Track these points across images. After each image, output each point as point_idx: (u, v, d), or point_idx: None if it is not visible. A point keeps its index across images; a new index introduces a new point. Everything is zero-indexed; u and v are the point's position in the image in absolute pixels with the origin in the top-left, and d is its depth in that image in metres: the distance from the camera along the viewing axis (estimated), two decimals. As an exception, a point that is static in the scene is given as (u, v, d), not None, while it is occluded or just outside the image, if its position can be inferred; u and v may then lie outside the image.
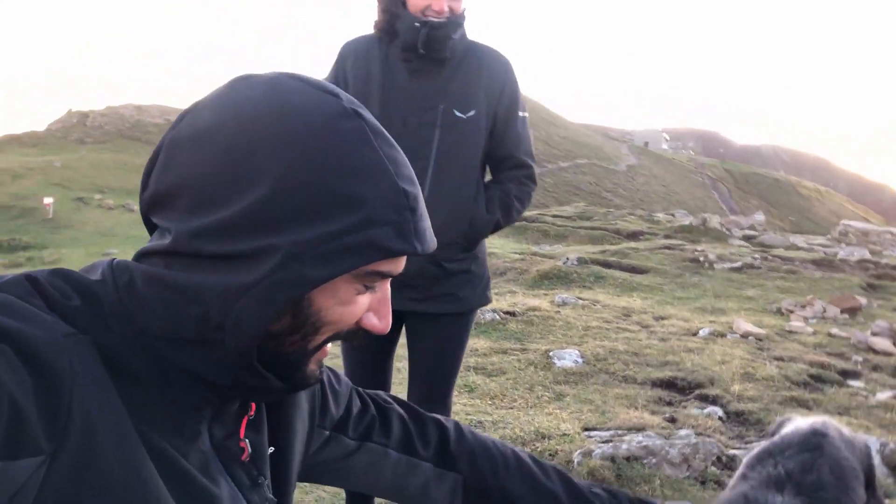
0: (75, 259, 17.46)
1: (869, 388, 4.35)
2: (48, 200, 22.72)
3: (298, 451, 0.86)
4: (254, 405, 0.76)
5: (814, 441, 1.40)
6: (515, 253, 10.48)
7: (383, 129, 0.69)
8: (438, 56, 1.91)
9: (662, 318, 6.12)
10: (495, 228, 2.03)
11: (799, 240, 14.51)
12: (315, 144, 0.63)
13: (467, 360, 4.51)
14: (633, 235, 13.22)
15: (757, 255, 9.73)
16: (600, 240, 12.78)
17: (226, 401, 0.71)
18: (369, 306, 0.71)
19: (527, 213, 16.20)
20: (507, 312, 5.76)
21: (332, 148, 0.63)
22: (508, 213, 2.02)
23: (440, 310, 2.00)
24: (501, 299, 7.06)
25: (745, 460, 1.45)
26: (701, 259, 9.34)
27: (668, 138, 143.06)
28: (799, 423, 1.51)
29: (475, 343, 4.87)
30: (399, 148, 0.70)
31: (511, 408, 3.74)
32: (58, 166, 28.09)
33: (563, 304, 6.60)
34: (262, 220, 0.61)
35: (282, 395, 0.77)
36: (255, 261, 0.61)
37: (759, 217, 16.38)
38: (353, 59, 1.99)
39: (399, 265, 0.69)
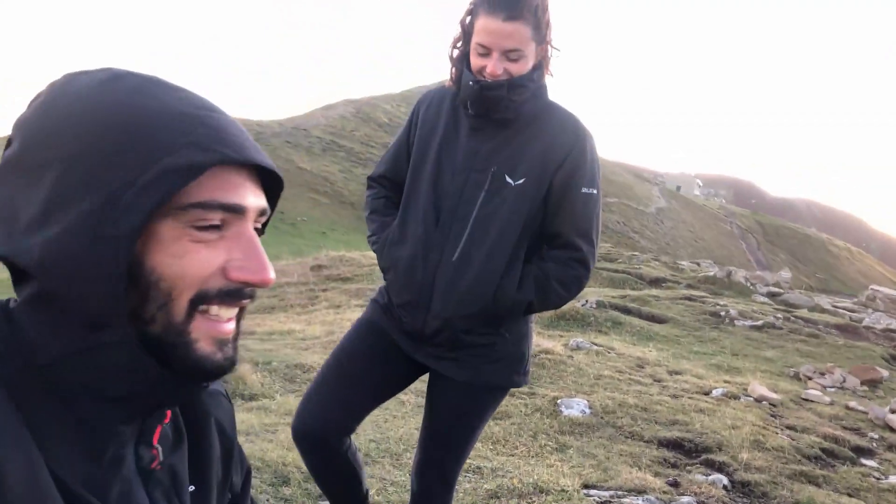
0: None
1: (882, 468, 4.23)
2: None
3: (216, 493, 0.83)
4: (168, 412, 0.74)
5: None
6: (535, 289, 10.43)
7: (166, 80, 0.68)
8: (492, 116, 1.80)
9: (676, 374, 6.03)
10: (528, 310, 1.84)
11: (824, 301, 14.28)
12: (89, 109, 0.63)
13: (474, 399, 4.47)
14: (656, 282, 13.09)
15: (780, 315, 9.58)
16: (622, 283, 12.68)
17: (137, 415, 0.68)
18: (227, 254, 0.66)
19: (550, 250, 16.22)
20: (520, 353, 5.72)
21: (106, 108, 0.63)
22: (545, 294, 1.81)
23: (454, 375, 1.86)
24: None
25: None
26: (722, 314, 9.21)
27: (700, 184, 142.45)
28: None
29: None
30: (190, 91, 0.68)
31: (512, 455, 3.69)
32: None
33: (578, 348, 6.54)
34: (68, 196, 0.61)
35: (184, 390, 0.70)
36: (76, 235, 0.60)
37: (786, 274, 16.15)
38: (426, 107, 1.94)
39: (224, 191, 0.65)
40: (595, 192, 1.82)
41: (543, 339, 6.76)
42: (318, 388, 1.97)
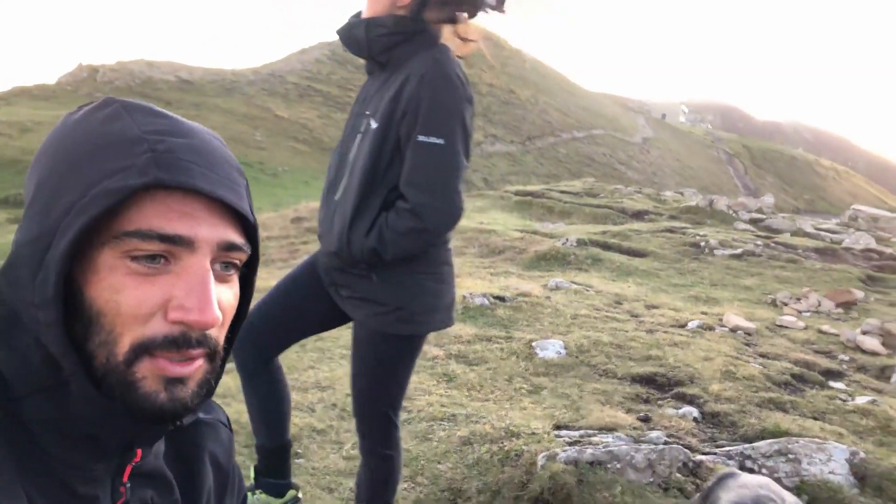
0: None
1: (850, 390, 4.34)
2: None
3: None
4: (139, 451, 0.71)
5: None
6: (516, 231, 10.44)
7: (148, 106, 0.66)
8: (365, 56, 1.88)
9: (654, 307, 6.11)
10: (377, 257, 1.80)
11: (807, 224, 14.38)
12: (65, 138, 0.64)
13: (450, 347, 4.53)
14: (639, 215, 13.13)
15: (759, 242, 9.65)
16: (604, 219, 12.71)
17: (108, 454, 0.66)
18: (168, 291, 0.61)
19: (533, 188, 16.13)
20: (497, 297, 5.77)
21: (79, 135, 0.63)
22: (384, 243, 1.77)
23: (349, 312, 1.96)
24: (496, 281, 7.07)
25: None
26: (702, 244, 9.28)
27: (686, 111, 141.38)
28: (740, 492, 1.47)
29: (461, 330, 4.88)
30: (169, 115, 0.67)
31: (487, 400, 3.76)
32: (69, 121, 28.10)
33: (557, 288, 6.60)
34: (29, 220, 0.62)
35: (146, 430, 0.66)
36: (29, 259, 0.61)
37: (769, 200, 16.21)
38: None
39: (165, 220, 0.61)
40: (438, 140, 1.73)
41: (523, 282, 6.82)
42: (259, 308, 2.09)
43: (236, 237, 0.65)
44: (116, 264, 0.60)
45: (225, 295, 0.66)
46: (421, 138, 1.73)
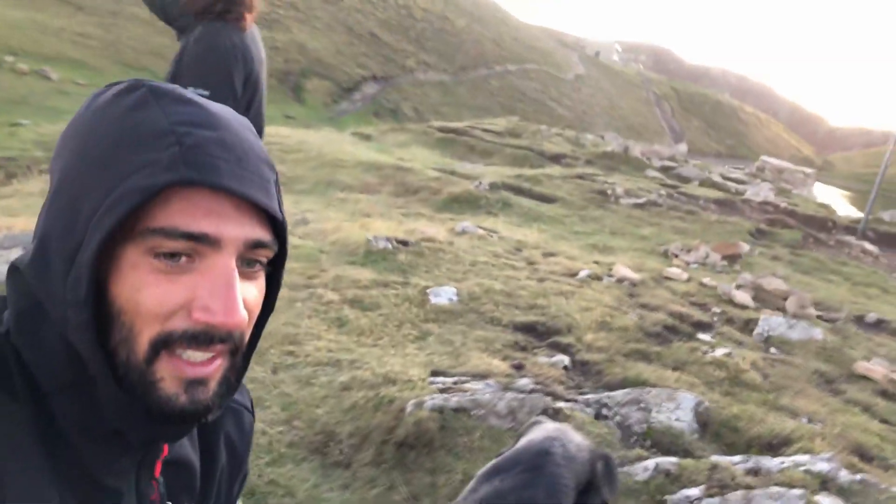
0: (-15, 128, 16.62)
1: (714, 342, 4.73)
2: (-44, 61, 21.27)
3: None
4: (166, 447, 0.72)
5: (537, 461, 1.61)
6: (434, 170, 10.56)
7: (176, 90, 0.65)
8: (163, 20, 2.25)
9: (551, 255, 6.40)
10: None
11: (716, 174, 15.01)
12: (91, 125, 0.62)
13: (346, 292, 4.68)
14: (556, 158, 13.42)
15: (664, 192, 10.09)
16: (523, 160, 12.94)
17: (133, 449, 0.67)
18: (192, 291, 0.60)
19: (457, 125, 16.19)
20: (401, 241, 5.92)
21: (106, 123, 0.61)
22: None
23: None
24: (405, 223, 7.21)
25: (479, 473, 1.65)
26: (608, 192, 9.63)
27: (619, 50, 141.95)
28: (535, 434, 1.72)
29: (359, 273, 5.03)
30: (198, 100, 0.65)
31: (375, 346, 3.95)
32: (-31, 23, 26.13)
33: (463, 232, 6.80)
34: (56, 213, 0.61)
35: (169, 428, 0.66)
36: (57, 255, 0.60)
37: (682, 148, 16.86)
38: None
39: (190, 217, 0.59)
40: (204, 93, 1.99)
41: (430, 226, 6.99)
42: None
43: (264, 234, 0.64)
44: (139, 261, 0.59)
45: (250, 292, 0.64)
46: (190, 89, 2.00)
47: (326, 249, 5.76)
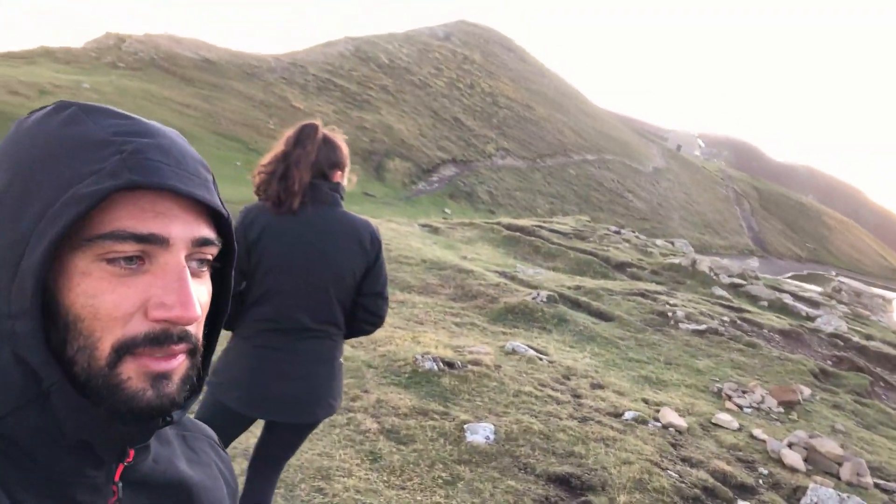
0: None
1: (755, 511, 4.57)
2: (69, 124, 22.99)
3: None
4: (132, 452, 0.70)
5: None
6: (496, 273, 10.68)
7: (106, 107, 0.67)
8: None
9: (599, 387, 6.34)
10: None
11: (787, 296, 14.58)
12: (23, 144, 0.64)
13: (384, 419, 4.77)
14: (621, 267, 13.36)
15: (726, 318, 9.88)
16: (586, 267, 12.94)
17: (104, 459, 0.67)
18: (147, 291, 0.62)
19: (524, 224, 16.38)
20: (448, 363, 6.00)
21: (39, 140, 0.63)
22: None
23: None
24: (458, 335, 7.31)
25: None
26: (669, 314, 9.51)
27: (702, 144, 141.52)
28: None
29: (401, 398, 5.12)
30: (130, 115, 0.67)
31: (403, 488, 3.99)
32: (86, 87, 28.34)
33: (512, 352, 6.83)
34: (3, 223, 0.62)
35: (137, 429, 0.66)
36: (2, 268, 0.61)
37: (754, 263, 16.43)
38: None
39: (139, 220, 0.61)
40: None
41: (481, 341, 7.05)
42: None
43: (209, 232, 0.66)
44: (90, 268, 0.61)
45: (200, 291, 0.66)
46: None
47: (374, 364, 5.88)
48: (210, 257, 0.68)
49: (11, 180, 0.62)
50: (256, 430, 2.91)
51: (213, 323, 0.75)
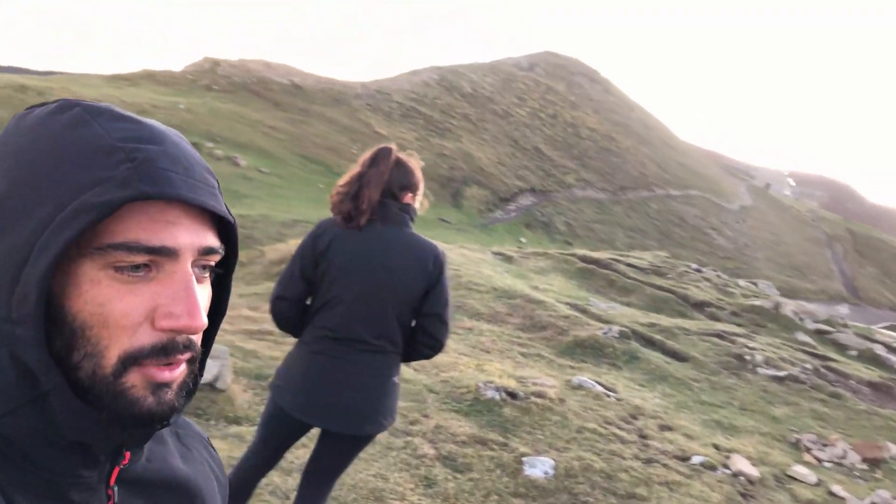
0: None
1: (831, 574, 4.27)
2: (164, 142, 24.22)
3: None
4: (128, 454, 0.71)
5: None
6: (566, 305, 10.51)
7: (110, 108, 0.65)
8: None
9: (667, 429, 6.11)
10: None
11: (880, 347, 13.76)
12: (25, 145, 0.63)
13: (441, 445, 4.72)
14: (699, 306, 12.92)
15: (809, 366, 9.38)
16: (662, 304, 12.58)
17: (98, 460, 0.67)
18: (154, 299, 0.62)
19: (600, 256, 16.09)
20: (511, 393, 5.91)
21: (42, 141, 0.62)
22: None
23: None
24: (523, 365, 7.21)
25: None
26: (747, 357, 9.11)
27: (793, 183, 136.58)
28: None
29: (460, 426, 5.06)
30: (139, 121, 0.65)
31: (455, 517, 3.93)
32: (181, 108, 29.84)
33: (579, 387, 6.67)
34: (5, 227, 0.61)
35: (134, 432, 0.67)
36: (4, 273, 0.60)
37: (844, 310, 15.60)
38: None
39: (149, 231, 0.61)
40: None
41: (547, 374, 6.93)
42: None
43: (214, 241, 0.67)
44: (99, 276, 0.60)
45: (201, 297, 0.66)
46: None
47: (436, 389, 5.86)
48: (213, 264, 0.69)
49: (13, 183, 0.61)
50: (312, 444, 2.93)
51: (210, 327, 0.74)
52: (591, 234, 42.65)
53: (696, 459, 5.48)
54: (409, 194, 2.57)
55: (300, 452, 3.96)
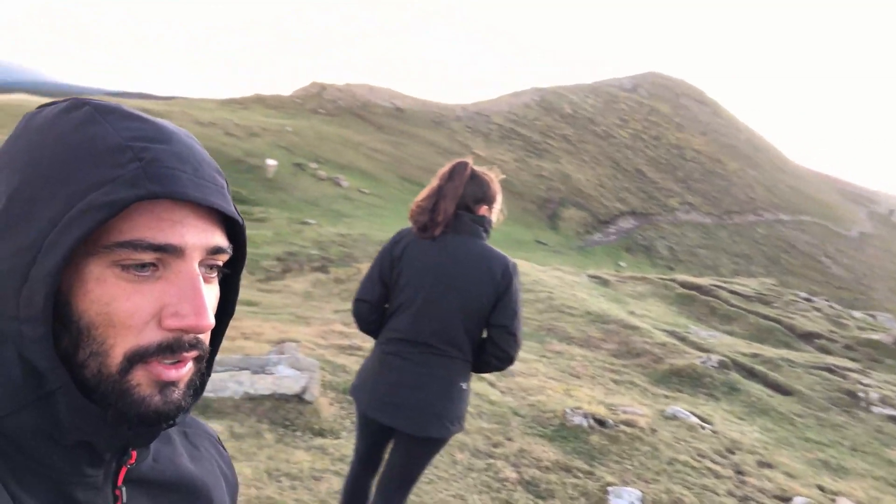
0: (279, 222, 19.38)
1: None
2: (271, 162, 25.25)
3: None
4: (134, 453, 0.70)
5: None
6: (664, 332, 10.18)
7: (120, 107, 0.65)
8: None
9: (767, 467, 5.77)
10: None
11: None
12: (35, 143, 0.62)
13: (524, 470, 4.64)
14: (807, 337, 12.20)
15: (932, 406, 8.65)
16: (766, 334, 11.96)
17: (103, 458, 0.67)
18: (161, 298, 0.62)
19: (701, 282, 15.50)
20: (599, 420, 5.75)
21: (49, 141, 0.62)
22: None
23: None
24: (614, 392, 7.01)
25: None
26: (860, 394, 8.50)
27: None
28: None
29: (545, 451, 4.97)
30: (148, 120, 0.65)
31: (534, 544, 3.84)
32: (289, 131, 31.09)
33: (672, 418, 6.42)
34: (8, 229, 0.61)
35: (141, 431, 0.66)
36: (11, 272, 0.60)
37: (975, 346, 14.29)
38: None
39: (156, 229, 0.61)
40: None
41: (638, 401, 6.71)
42: None
43: (222, 240, 0.66)
44: (105, 274, 0.60)
45: (210, 297, 0.66)
46: None
47: (522, 412, 5.78)
48: (220, 264, 0.68)
49: (22, 181, 0.61)
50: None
51: (218, 326, 0.74)
52: (695, 260, 41.20)
53: (797, 500, 5.14)
54: (484, 206, 2.66)
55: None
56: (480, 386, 6.07)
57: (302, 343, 6.45)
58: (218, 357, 5.05)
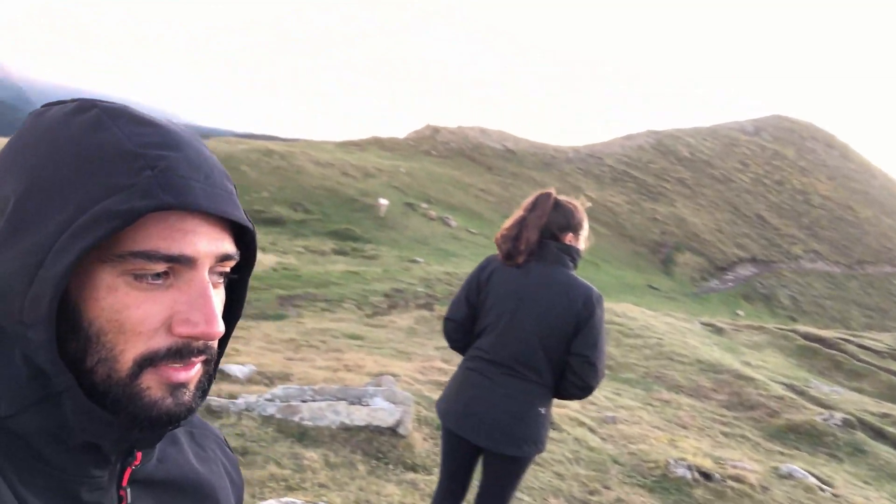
0: (389, 259, 19.84)
1: None
2: (383, 201, 25.99)
3: None
4: (139, 454, 0.71)
5: None
6: (781, 385, 9.57)
7: (128, 110, 0.65)
8: None
9: (896, 538, 5.26)
10: None
11: None
12: (44, 145, 0.62)
13: (620, 521, 4.45)
14: (950, 398, 11.12)
15: None
16: (901, 393, 11.00)
17: (109, 459, 0.67)
18: (172, 306, 0.62)
19: (826, 335, 14.49)
20: (704, 473, 5.44)
21: (59, 144, 0.61)
22: None
23: None
24: (723, 446, 6.64)
25: None
26: None
27: None
28: None
29: (644, 501, 4.74)
30: (159, 124, 0.65)
31: None
32: (402, 171, 31.96)
33: (788, 477, 5.99)
34: (15, 232, 0.60)
35: (147, 433, 0.67)
36: (17, 274, 0.60)
37: None
38: None
39: (170, 240, 0.61)
40: None
41: (749, 456, 6.31)
42: None
43: (231, 248, 0.67)
44: (116, 282, 0.60)
45: (217, 303, 0.67)
46: None
47: (622, 461, 5.56)
48: (228, 270, 0.68)
49: (32, 184, 0.61)
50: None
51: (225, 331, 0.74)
52: (821, 311, 38.65)
53: (930, 578, 4.64)
54: (570, 234, 2.73)
55: None
56: (579, 431, 5.91)
57: (401, 377, 6.51)
58: (317, 386, 5.18)
